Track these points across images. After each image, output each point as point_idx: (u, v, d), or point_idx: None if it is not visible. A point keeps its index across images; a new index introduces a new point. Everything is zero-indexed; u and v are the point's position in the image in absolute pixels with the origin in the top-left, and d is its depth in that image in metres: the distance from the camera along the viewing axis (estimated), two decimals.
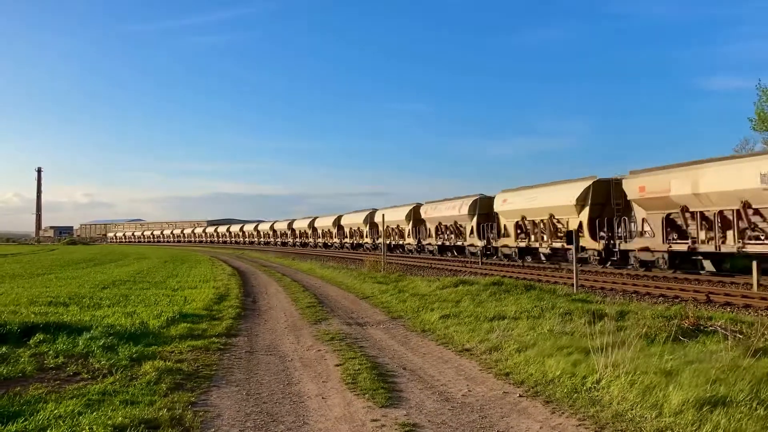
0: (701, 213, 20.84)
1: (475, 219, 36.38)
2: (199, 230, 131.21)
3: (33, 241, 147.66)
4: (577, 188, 27.13)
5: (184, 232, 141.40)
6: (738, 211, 19.26)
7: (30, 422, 5.63)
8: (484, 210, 35.95)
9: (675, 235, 22.43)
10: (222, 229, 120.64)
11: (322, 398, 6.86)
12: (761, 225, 19.09)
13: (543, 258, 30.06)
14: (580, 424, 5.77)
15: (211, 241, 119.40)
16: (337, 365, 8.44)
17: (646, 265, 23.86)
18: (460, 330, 10.63)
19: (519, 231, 31.96)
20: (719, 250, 20.14)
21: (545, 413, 6.17)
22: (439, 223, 41.51)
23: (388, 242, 46.84)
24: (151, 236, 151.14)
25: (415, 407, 6.46)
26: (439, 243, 41.73)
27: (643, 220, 23.74)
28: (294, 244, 78.70)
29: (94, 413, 5.90)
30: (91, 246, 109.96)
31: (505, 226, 33.46)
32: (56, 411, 5.97)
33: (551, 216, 28.80)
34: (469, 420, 6.00)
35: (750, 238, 19.33)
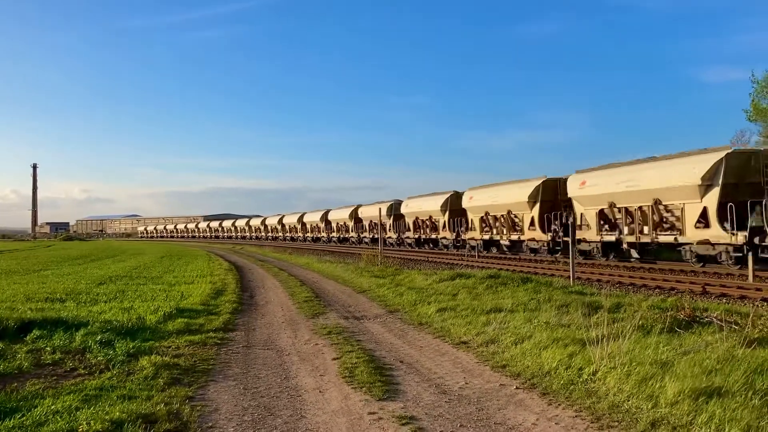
0: (626, 208, 23.80)
1: (447, 214, 39.52)
2: (195, 225, 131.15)
3: (29, 237, 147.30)
4: (530, 187, 30.02)
5: (178, 227, 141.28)
6: (652, 206, 22.35)
7: (27, 418, 5.64)
8: (455, 206, 38.61)
9: (607, 227, 25.02)
10: (219, 224, 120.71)
11: (320, 392, 6.87)
12: (670, 218, 22.10)
13: (505, 249, 33.34)
14: (576, 416, 5.80)
15: (208, 236, 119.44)
16: (335, 359, 8.46)
17: (584, 254, 26.59)
18: (457, 323, 10.66)
19: (483, 225, 34.90)
20: (639, 240, 23.16)
21: (542, 405, 6.19)
22: (417, 218, 44.77)
23: (371, 236, 53.04)
24: (164, 231, 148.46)
25: (412, 400, 6.48)
26: (416, 236, 44.63)
27: (581, 214, 26.47)
28: (284, 239, 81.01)
29: (92, 408, 5.91)
30: (87, 242, 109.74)
31: (472, 220, 36.23)
32: (53, 406, 5.98)
33: (509, 212, 32.03)
34: (465, 412, 6.03)
35: (661, 230, 22.38)
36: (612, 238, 24.41)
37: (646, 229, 22.96)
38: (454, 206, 38.48)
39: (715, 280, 17.96)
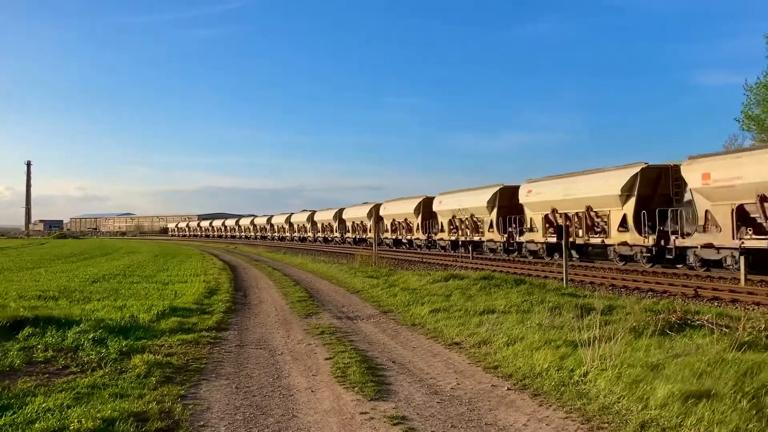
0: (565, 213, 27.34)
1: (420, 217, 43.08)
2: (183, 224, 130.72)
3: (22, 235, 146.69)
4: (489, 193, 33.73)
5: (170, 225, 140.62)
6: (585, 213, 26.30)
7: (18, 415, 5.64)
8: (426, 209, 42.11)
9: (551, 230, 27.97)
10: (213, 223, 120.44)
11: (312, 391, 6.89)
12: (600, 223, 25.75)
13: (469, 248, 35.83)
14: (566, 417, 5.83)
15: (202, 235, 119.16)
16: (327, 359, 8.47)
17: (533, 254, 29.96)
18: (450, 324, 10.68)
19: (451, 227, 38.13)
20: (575, 241, 26.70)
21: (533, 406, 6.22)
22: (394, 220, 48.49)
23: (353, 236, 56.72)
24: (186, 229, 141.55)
25: (404, 400, 6.50)
26: (393, 237, 48.32)
27: (530, 218, 30.01)
28: (272, 238, 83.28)
29: (83, 406, 5.91)
30: (81, 240, 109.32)
31: (441, 222, 39.58)
32: (45, 404, 5.97)
33: (472, 215, 35.66)
34: (457, 413, 6.05)
35: (593, 233, 26.19)
36: (554, 239, 26.98)
37: (580, 233, 26.59)
38: (426, 209, 41.82)
39: (707, 283, 18.05)
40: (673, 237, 21.65)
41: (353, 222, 57.53)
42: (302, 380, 7.40)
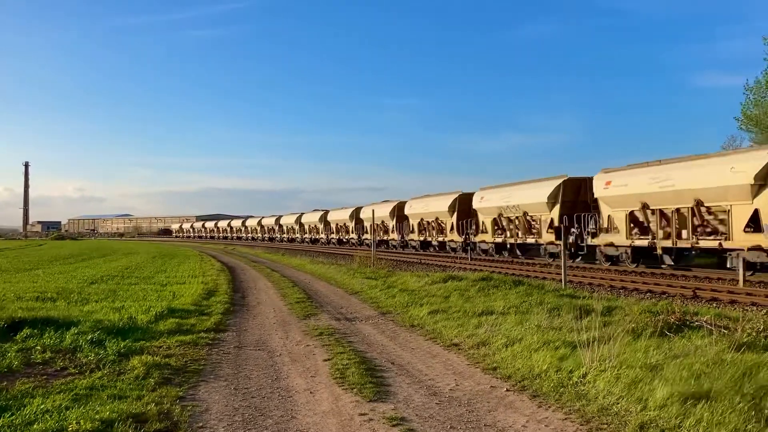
0: (508, 217, 32.23)
1: (395, 219, 48.39)
2: (187, 225, 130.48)
3: (20, 236, 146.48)
4: (449, 199, 39.03)
5: (174, 226, 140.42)
6: (521, 217, 30.82)
7: (17, 417, 5.62)
8: (401, 212, 47.43)
9: (499, 232, 33.48)
10: (211, 224, 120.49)
11: (311, 393, 6.88)
12: (535, 226, 30.09)
13: (436, 247, 41.84)
14: (566, 418, 5.83)
15: (201, 236, 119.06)
16: (326, 360, 8.46)
17: (484, 252, 35.44)
18: (449, 325, 10.68)
19: (420, 229, 43.28)
20: (517, 242, 31.79)
21: (532, 407, 6.22)
22: (422, 220, 50.60)
23: (337, 237, 62.46)
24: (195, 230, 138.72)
25: (403, 401, 6.50)
26: (421, 239, 50.89)
27: (482, 222, 35.08)
28: (263, 239, 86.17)
29: (82, 408, 5.90)
30: (79, 241, 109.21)
31: (412, 224, 44.70)
32: (43, 406, 5.96)
33: (436, 218, 40.96)
34: (456, 414, 6.05)
35: (529, 234, 30.67)
36: (500, 239, 33.12)
37: (520, 233, 31.23)
38: (400, 212, 47.05)
39: (706, 284, 18.07)
40: (586, 237, 26.13)
41: (337, 224, 62.71)
42: (301, 381, 7.39)
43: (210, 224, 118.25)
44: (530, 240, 30.29)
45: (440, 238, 40.13)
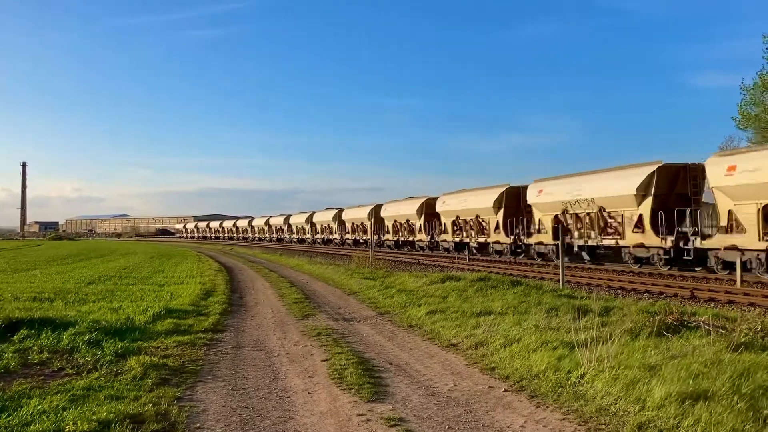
0: (464, 219, 36.68)
1: (372, 221, 50.57)
2: (191, 225, 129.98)
3: (17, 236, 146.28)
4: (417, 203, 43.32)
5: (178, 226, 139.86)
6: (473, 219, 35.32)
7: (14, 417, 5.61)
8: (377, 215, 50.76)
9: (458, 232, 37.46)
10: (216, 224, 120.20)
11: (308, 393, 6.87)
12: (486, 228, 34.17)
13: (400, 246, 46.89)
14: (564, 419, 5.82)
15: (197, 237, 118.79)
16: (324, 360, 8.45)
17: (447, 250, 39.16)
18: (447, 325, 10.68)
19: (395, 229, 47.54)
20: (472, 241, 35.83)
21: (530, 407, 6.22)
22: (353, 223, 57.69)
23: (322, 237, 67.40)
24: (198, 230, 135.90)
25: (401, 402, 6.49)
26: (354, 238, 57.75)
27: (444, 223, 38.99)
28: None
29: (79, 408, 5.89)
30: (77, 241, 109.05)
31: (387, 226, 49.56)
32: (40, 406, 5.94)
33: (407, 220, 45.53)
34: (454, 414, 6.04)
35: (481, 235, 34.71)
36: (458, 239, 37.58)
37: (473, 233, 35.69)
38: (377, 215, 50.01)
39: (703, 284, 18.09)
40: (523, 237, 30.18)
41: (321, 225, 67.72)
42: (299, 382, 7.38)
43: (215, 224, 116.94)
44: (481, 239, 35.20)
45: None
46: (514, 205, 31.54)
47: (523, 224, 30.20)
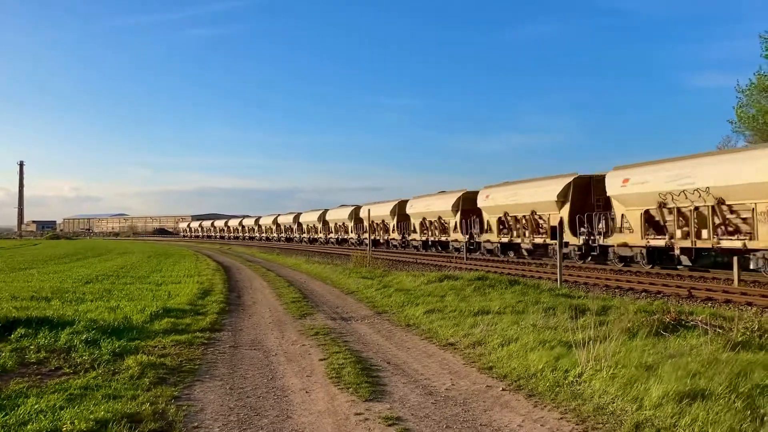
0: (430, 220, 41.55)
1: (353, 221, 56.08)
2: (195, 224, 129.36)
3: (15, 235, 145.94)
4: (392, 205, 47.33)
5: (181, 225, 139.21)
6: (435, 221, 40.78)
7: (11, 416, 5.60)
8: (357, 215, 54.90)
9: (425, 231, 42.51)
10: (207, 223, 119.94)
11: (306, 392, 6.87)
12: (447, 227, 39.20)
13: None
14: (561, 418, 5.83)
15: (202, 236, 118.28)
16: (322, 360, 8.45)
17: (415, 248, 43.79)
18: (445, 324, 10.68)
19: (373, 229, 49.72)
20: (436, 239, 40.87)
21: (528, 407, 6.22)
22: (335, 223, 61.83)
23: (308, 236, 70.29)
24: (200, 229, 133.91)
25: (399, 401, 6.49)
26: (336, 237, 61.91)
27: (413, 223, 44.18)
28: (243, 238, 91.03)
29: (76, 407, 5.88)
30: (74, 240, 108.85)
31: (366, 226, 49.55)
32: (37, 405, 5.93)
33: (383, 221, 49.31)
34: (452, 413, 6.04)
35: (443, 234, 40.06)
36: (425, 238, 41.83)
37: (436, 233, 40.16)
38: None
39: (701, 284, 18.12)
40: (475, 234, 35.29)
41: (307, 224, 71.03)
42: (297, 381, 7.38)
43: (219, 222, 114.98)
44: (443, 238, 39.68)
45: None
46: (471, 207, 36.27)
47: (475, 225, 35.46)
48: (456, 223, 37.69)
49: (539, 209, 29.46)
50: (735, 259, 18.15)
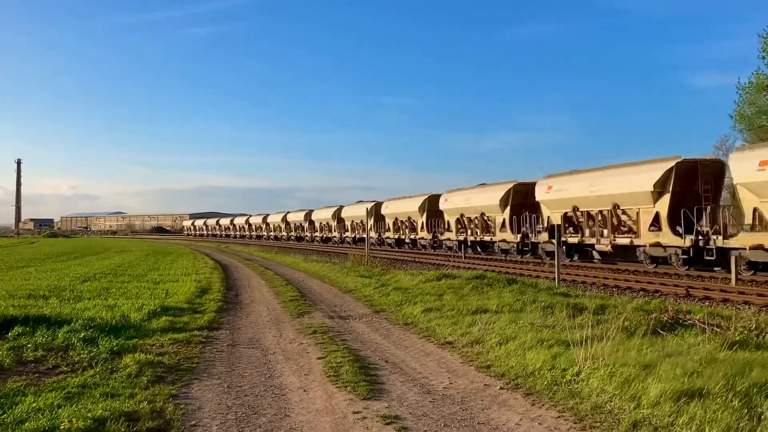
0: (401, 220, 47.34)
1: (336, 221, 60.70)
2: (200, 222, 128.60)
3: (12, 233, 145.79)
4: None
5: (186, 224, 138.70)
6: (406, 220, 46.91)
7: (8, 415, 5.58)
8: (339, 215, 59.95)
9: (407, 230, 46.92)
10: (205, 222, 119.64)
11: (304, 391, 6.86)
12: (416, 226, 44.57)
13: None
14: (559, 416, 5.83)
15: (201, 234, 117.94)
16: (320, 358, 8.45)
17: (390, 245, 48.03)
18: (443, 323, 10.68)
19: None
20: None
21: (525, 405, 6.23)
22: (320, 222, 66.65)
23: (295, 234, 74.11)
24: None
25: (397, 399, 6.49)
26: (321, 235, 66.07)
27: (388, 223, 49.11)
28: (235, 236, 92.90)
29: (74, 406, 5.87)
30: (72, 239, 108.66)
31: (347, 225, 58.04)
32: (35, 404, 5.92)
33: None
34: (450, 412, 6.04)
35: (412, 232, 45.57)
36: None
37: (409, 232, 45.70)
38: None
39: (698, 283, 18.15)
40: (438, 234, 40.88)
41: (294, 223, 74.96)
42: (294, 380, 7.37)
43: (225, 221, 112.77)
44: (411, 236, 44.71)
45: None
46: (434, 209, 40.19)
47: (438, 225, 40.73)
48: (423, 222, 40.49)
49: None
50: (733, 258, 18.17)
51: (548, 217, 29.01)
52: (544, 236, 28.21)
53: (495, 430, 5.56)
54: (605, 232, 25.30)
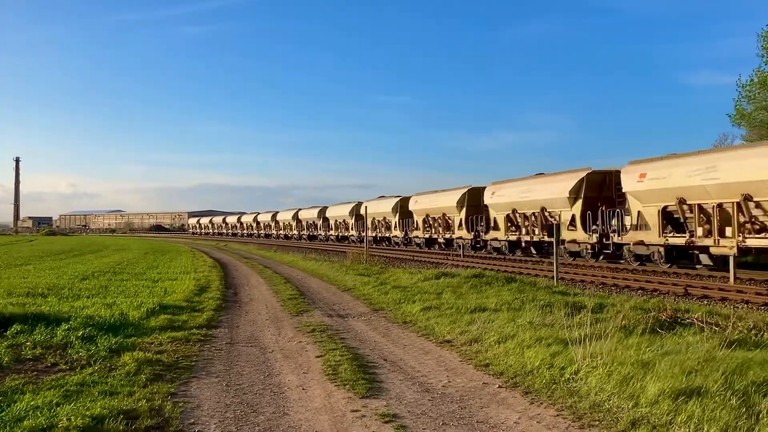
0: (376, 219, 50.66)
1: (321, 220, 64.46)
2: (205, 220, 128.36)
3: (11, 231, 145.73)
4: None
5: (191, 222, 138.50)
6: (379, 220, 51.23)
7: (7, 413, 5.58)
8: (324, 214, 64.00)
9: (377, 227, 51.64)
10: (203, 220, 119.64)
11: (303, 389, 6.87)
12: (390, 225, 49.37)
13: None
14: (558, 414, 5.84)
15: (207, 233, 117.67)
16: (318, 356, 8.45)
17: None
18: (441, 322, 10.69)
19: (333, 227, 60.39)
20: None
21: (524, 404, 6.23)
22: (307, 221, 71.28)
23: (284, 233, 77.71)
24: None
25: (396, 398, 6.49)
26: (308, 233, 69.89)
27: (369, 221, 49.54)
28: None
29: (72, 404, 5.86)
30: (70, 237, 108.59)
31: (330, 224, 62.66)
32: (33, 402, 5.92)
33: (344, 221, 58.14)
34: (448, 410, 6.05)
35: (386, 230, 50.49)
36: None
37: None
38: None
39: (697, 282, 18.15)
40: (408, 233, 45.26)
41: (283, 222, 78.48)
42: (293, 378, 7.38)
43: (232, 219, 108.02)
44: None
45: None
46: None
47: (408, 225, 44.63)
48: (397, 222, 44.50)
49: (447, 212, 38.98)
50: (732, 258, 18.19)
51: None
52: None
53: (493, 428, 5.56)
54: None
